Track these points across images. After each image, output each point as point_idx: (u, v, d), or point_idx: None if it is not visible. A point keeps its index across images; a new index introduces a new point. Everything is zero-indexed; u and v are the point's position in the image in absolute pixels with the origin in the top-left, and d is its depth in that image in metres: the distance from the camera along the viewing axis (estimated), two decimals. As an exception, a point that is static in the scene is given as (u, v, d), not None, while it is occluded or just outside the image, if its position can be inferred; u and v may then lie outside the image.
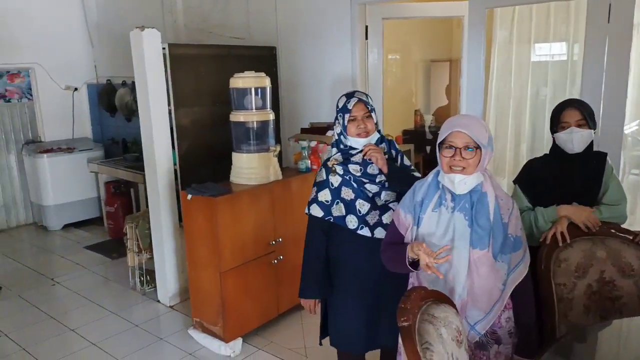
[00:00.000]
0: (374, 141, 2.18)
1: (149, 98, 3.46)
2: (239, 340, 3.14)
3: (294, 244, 3.44)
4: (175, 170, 3.69)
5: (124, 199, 5.38)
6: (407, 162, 2.30)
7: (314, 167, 3.60)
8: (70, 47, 5.94)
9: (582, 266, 2.16)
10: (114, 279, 4.29)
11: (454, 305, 1.56)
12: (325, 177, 2.24)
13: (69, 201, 5.68)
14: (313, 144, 3.67)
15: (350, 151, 2.19)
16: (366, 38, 3.82)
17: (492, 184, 1.69)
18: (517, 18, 3.49)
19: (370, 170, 2.16)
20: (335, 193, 2.20)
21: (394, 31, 4.04)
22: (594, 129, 2.18)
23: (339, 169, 2.19)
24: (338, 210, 2.20)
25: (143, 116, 3.56)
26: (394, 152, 2.27)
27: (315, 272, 2.26)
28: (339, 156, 2.22)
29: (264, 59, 4.18)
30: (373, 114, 2.18)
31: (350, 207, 2.17)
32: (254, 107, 3.24)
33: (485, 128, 1.67)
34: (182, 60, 3.60)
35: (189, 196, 3.04)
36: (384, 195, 2.16)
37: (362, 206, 2.16)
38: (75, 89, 6.10)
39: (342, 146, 2.22)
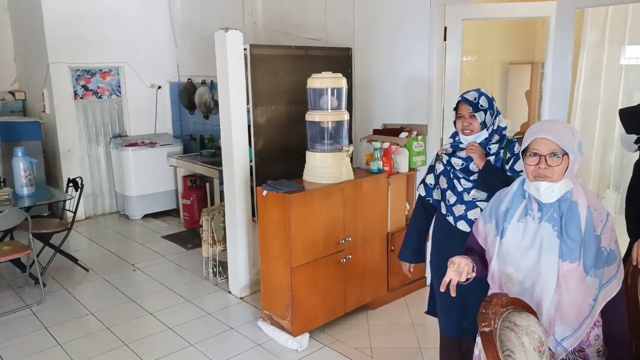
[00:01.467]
0: (479, 139, 2.30)
1: (229, 96, 3.60)
2: (306, 336, 3.20)
3: (363, 244, 3.46)
4: (251, 167, 3.81)
5: (200, 193, 5.63)
6: (518, 167, 2.27)
7: (386, 168, 3.60)
8: (156, 47, 6.31)
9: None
10: (188, 268, 4.50)
11: (535, 314, 1.50)
12: (433, 163, 2.51)
13: (149, 193, 6.03)
14: (386, 145, 3.67)
15: (460, 145, 2.37)
16: (444, 39, 3.76)
17: (585, 192, 1.60)
18: (610, 18, 3.29)
19: (472, 167, 2.32)
20: (437, 179, 2.46)
21: (469, 31, 3.93)
22: (632, 134, 2.12)
23: (445, 158, 2.41)
24: (437, 194, 2.47)
25: (223, 113, 3.71)
26: (509, 154, 2.30)
27: (411, 240, 2.59)
28: (449, 147, 2.43)
29: (339, 59, 4.23)
30: (479, 114, 2.26)
31: (443, 194, 2.42)
32: (329, 107, 3.29)
33: (573, 132, 1.59)
34: (261, 61, 3.72)
35: (265, 192, 3.13)
36: (474, 193, 2.32)
37: (451, 197, 2.39)
38: (159, 87, 6.45)
39: (455, 139, 2.40)
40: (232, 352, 3.14)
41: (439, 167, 2.44)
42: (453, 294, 1.61)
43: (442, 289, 1.64)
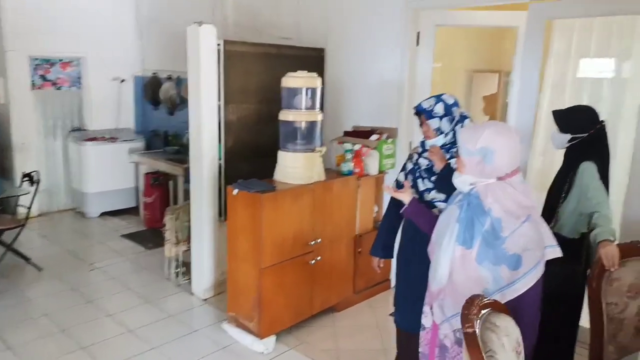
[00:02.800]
0: (439, 144, 2.37)
1: (200, 92, 3.51)
2: (273, 338, 3.14)
3: (331, 245, 3.44)
4: (220, 165, 3.72)
5: (162, 191, 5.46)
6: None
7: (356, 170, 3.60)
8: (120, 39, 6.10)
9: (636, 287, 2.10)
10: (149, 268, 4.36)
11: (510, 316, 1.54)
12: (406, 162, 2.58)
13: (108, 189, 5.81)
14: (357, 147, 3.66)
15: (426, 147, 2.46)
16: (417, 44, 3.79)
17: (501, 195, 1.65)
18: (577, 31, 3.40)
19: (436, 169, 2.38)
20: (406, 176, 2.52)
21: (438, 37, 3.99)
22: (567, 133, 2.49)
23: (414, 157, 2.50)
24: None
25: (193, 109, 3.61)
26: None
27: (382, 236, 2.65)
28: (419, 146, 2.49)
29: (312, 59, 4.19)
30: (432, 122, 2.36)
31: None
32: (303, 107, 3.25)
33: (479, 139, 1.67)
34: (235, 57, 3.64)
35: (235, 191, 3.06)
36: (433, 193, 2.37)
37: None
38: (122, 81, 6.24)
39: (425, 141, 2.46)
40: (195, 355, 3.05)
41: (409, 166, 2.53)
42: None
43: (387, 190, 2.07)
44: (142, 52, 6.29)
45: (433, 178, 2.40)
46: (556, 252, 1.65)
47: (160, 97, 5.97)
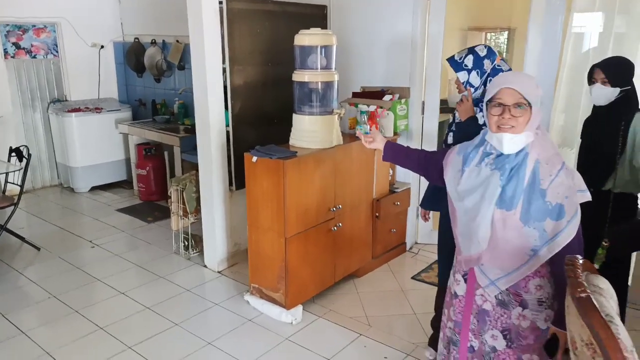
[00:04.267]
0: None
1: (205, 55, 3.30)
2: (299, 308, 3.06)
3: (351, 211, 3.35)
4: (227, 132, 3.54)
5: (157, 162, 5.24)
6: None
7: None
8: (96, 2, 5.70)
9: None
10: (154, 243, 4.19)
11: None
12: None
13: (96, 163, 5.54)
14: (372, 108, 3.53)
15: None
16: (429, -1, 3.63)
17: (542, 144, 1.61)
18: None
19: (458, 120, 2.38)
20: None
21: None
22: (617, 87, 2.41)
23: (455, 112, 2.41)
24: None
25: (197, 75, 3.39)
26: None
27: (429, 189, 2.63)
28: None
29: (313, 18, 3.99)
30: (461, 74, 2.28)
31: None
32: (319, 67, 3.08)
33: (537, 85, 1.62)
34: (238, 16, 3.41)
35: (255, 158, 2.91)
36: None
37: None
38: (102, 47, 5.87)
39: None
40: (222, 329, 2.95)
41: (449, 120, 2.48)
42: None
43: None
44: (121, 16, 5.91)
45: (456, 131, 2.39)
46: (586, 196, 1.60)
47: (145, 63, 5.66)
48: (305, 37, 3.03)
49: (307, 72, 3.07)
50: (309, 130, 3.10)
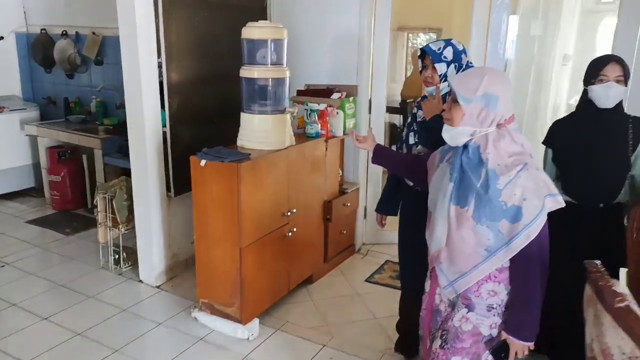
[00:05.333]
0: (443, 92, 2.18)
1: (137, 49, 2.96)
2: (256, 322, 2.84)
3: (305, 215, 3.18)
4: (164, 133, 3.21)
5: (73, 167, 4.71)
6: None
7: (323, 132, 3.32)
8: (-7, -14, 5.02)
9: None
10: (77, 258, 3.73)
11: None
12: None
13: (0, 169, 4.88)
14: (322, 107, 3.38)
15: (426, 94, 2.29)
16: (374, -6, 3.55)
17: (502, 143, 1.58)
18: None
19: (423, 117, 2.26)
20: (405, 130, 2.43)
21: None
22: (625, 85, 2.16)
23: (413, 110, 2.37)
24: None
25: (128, 70, 3.05)
26: None
27: (385, 192, 2.61)
28: (420, 99, 2.36)
29: (252, 10, 3.75)
30: (439, 65, 2.18)
31: (401, 146, 2.42)
32: (269, 62, 2.87)
33: (480, 83, 1.56)
34: (174, 6, 3.09)
35: (203, 162, 2.64)
36: (420, 148, 2.26)
37: (404, 150, 2.36)
38: (1, 38, 5.18)
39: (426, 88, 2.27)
40: (171, 352, 2.65)
41: (408, 119, 2.41)
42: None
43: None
44: (24, 4, 5.25)
45: (418, 130, 2.31)
46: (558, 202, 1.54)
47: (55, 57, 5.07)
48: (255, 30, 2.81)
49: (256, 68, 2.85)
50: (260, 131, 2.88)
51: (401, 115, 5.70)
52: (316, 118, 3.28)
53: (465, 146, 1.62)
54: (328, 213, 3.43)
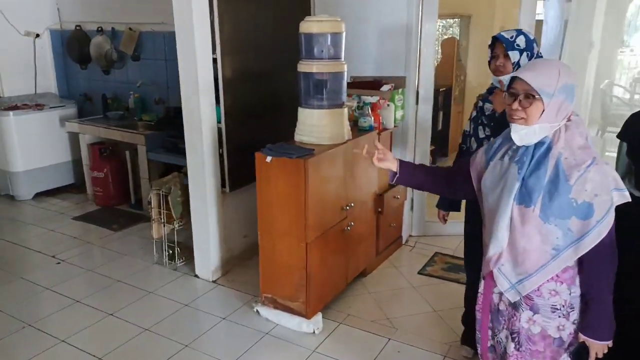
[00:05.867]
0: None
1: (194, 45, 2.96)
2: (319, 316, 2.86)
3: (361, 208, 3.19)
4: (219, 129, 3.23)
5: (114, 163, 4.74)
6: None
7: (376, 124, 3.32)
8: (28, -16, 5.03)
9: None
10: (129, 254, 3.77)
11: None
12: (472, 111, 2.41)
13: (40, 166, 4.92)
14: (374, 99, 3.37)
15: (494, 89, 2.28)
16: (423, -17, 3.51)
17: (570, 138, 1.53)
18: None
19: (497, 112, 2.23)
20: (469, 125, 2.40)
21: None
22: None
23: (479, 104, 2.33)
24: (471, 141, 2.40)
25: (185, 67, 3.05)
26: None
27: None
28: (485, 92, 2.33)
29: (294, 2, 3.73)
30: (512, 53, 2.14)
31: (469, 141, 2.39)
32: (327, 56, 2.86)
33: (558, 75, 1.49)
34: (228, 0, 3.09)
35: (269, 158, 2.65)
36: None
37: (473, 145, 2.34)
38: (37, 36, 5.21)
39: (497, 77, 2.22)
40: (240, 347, 2.68)
41: (473, 113, 2.39)
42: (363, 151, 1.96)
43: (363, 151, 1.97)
44: (57, 1, 5.26)
45: (493, 124, 2.27)
46: (624, 196, 1.49)
47: (92, 54, 5.09)
48: (314, 25, 2.80)
49: (315, 63, 2.84)
50: (320, 125, 2.87)
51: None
52: (369, 111, 3.27)
53: (539, 143, 1.54)
54: (380, 206, 3.43)
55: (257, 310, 2.96)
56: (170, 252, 3.56)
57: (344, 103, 2.94)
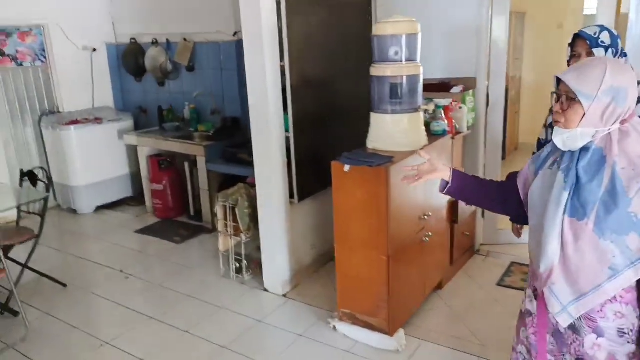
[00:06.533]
0: None
1: (264, 53, 2.88)
2: (402, 332, 2.72)
3: (437, 218, 3.03)
4: (287, 138, 3.14)
5: (173, 175, 4.74)
6: None
7: (449, 128, 3.16)
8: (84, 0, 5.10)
9: None
10: (194, 267, 3.73)
11: None
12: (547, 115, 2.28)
13: (101, 180, 4.97)
14: (447, 102, 3.21)
15: None
16: (494, -21, 3.34)
17: (628, 145, 1.35)
18: None
19: None
20: (543, 132, 2.28)
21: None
22: None
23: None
24: None
25: (253, 76, 2.98)
26: None
27: None
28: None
29: (356, 6, 3.62)
30: (597, 51, 1.97)
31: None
32: (403, 59, 2.73)
33: (603, 76, 1.33)
34: (296, 6, 3.00)
35: (347, 167, 2.53)
36: None
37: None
38: (94, 50, 5.28)
39: None
40: (321, 365, 2.57)
41: (549, 119, 2.23)
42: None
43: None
44: (112, 15, 5.33)
45: None
46: None
47: (147, 66, 5.12)
48: (389, 26, 2.67)
49: (390, 66, 2.71)
50: (395, 131, 2.75)
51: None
52: (442, 114, 3.11)
53: (584, 149, 1.40)
54: (454, 214, 3.27)
55: (333, 327, 2.84)
56: (237, 265, 3.49)
57: (420, 107, 2.80)
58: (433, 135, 3.09)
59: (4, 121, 4.79)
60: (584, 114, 1.35)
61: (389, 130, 2.76)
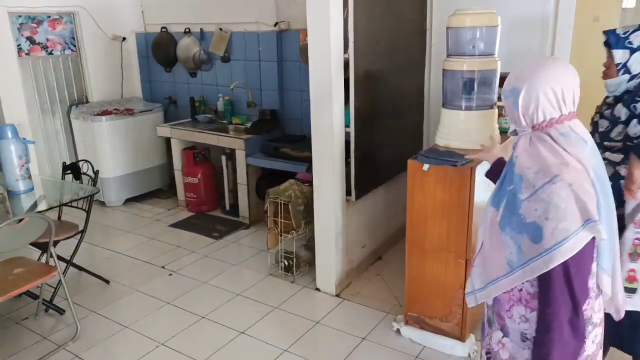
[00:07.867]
0: (619, 87, 1.92)
1: (330, 45, 2.75)
2: (472, 338, 2.61)
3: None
4: (347, 134, 3.01)
5: (207, 169, 4.61)
6: None
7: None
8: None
9: None
10: (239, 264, 3.61)
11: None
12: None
13: (131, 172, 4.84)
14: (513, 99, 3.08)
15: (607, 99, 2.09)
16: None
17: (538, 147, 1.32)
18: None
19: (614, 134, 1.99)
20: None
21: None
22: None
23: (596, 117, 2.10)
24: None
25: (316, 68, 2.85)
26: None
27: None
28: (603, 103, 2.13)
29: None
30: (616, 52, 1.88)
31: None
32: (478, 53, 2.60)
33: (514, 77, 1.36)
34: (361, -5, 2.87)
35: (426, 166, 2.41)
36: (607, 154, 2.02)
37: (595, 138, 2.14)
38: (124, 39, 5.13)
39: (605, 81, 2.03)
40: (393, 372, 2.46)
41: (596, 117, 2.12)
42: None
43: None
44: (142, 4, 5.17)
45: (612, 145, 2.02)
46: (596, 231, 1.24)
47: (179, 56, 4.97)
48: (466, 18, 2.55)
49: (466, 59, 2.59)
50: (469, 128, 2.62)
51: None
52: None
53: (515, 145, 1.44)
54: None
55: (397, 330, 2.73)
56: (286, 263, 3.37)
57: (495, 103, 2.67)
58: (502, 133, 2.97)
59: (34, 112, 4.64)
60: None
61: (461, 127, 2.64)
